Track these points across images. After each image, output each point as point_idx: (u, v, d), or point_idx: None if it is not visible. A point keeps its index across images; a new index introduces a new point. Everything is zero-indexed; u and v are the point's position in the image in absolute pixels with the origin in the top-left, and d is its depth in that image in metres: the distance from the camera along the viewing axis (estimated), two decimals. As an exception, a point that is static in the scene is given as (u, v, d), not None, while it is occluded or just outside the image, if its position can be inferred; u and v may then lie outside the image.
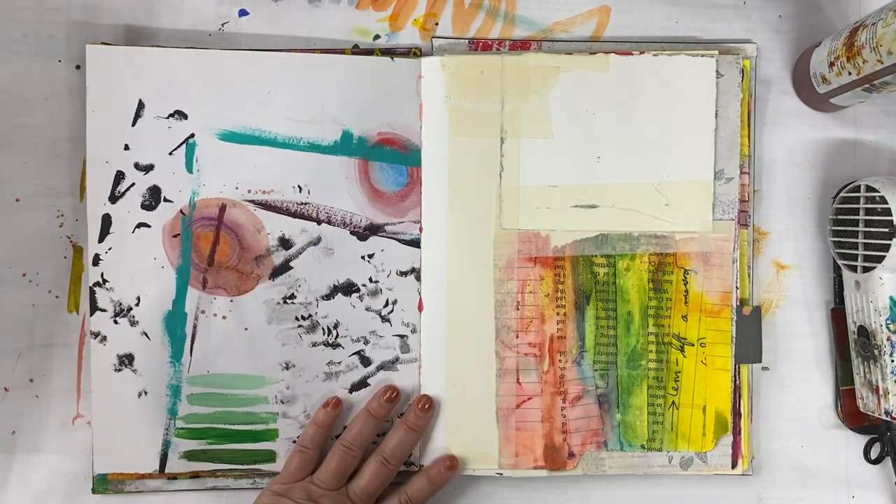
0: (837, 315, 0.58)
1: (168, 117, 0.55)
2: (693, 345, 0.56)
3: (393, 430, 0.55)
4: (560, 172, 0.56)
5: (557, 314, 0.56)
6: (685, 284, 0.56)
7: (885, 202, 0.52)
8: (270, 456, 0.56)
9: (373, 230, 0.56)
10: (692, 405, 0.56)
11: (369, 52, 0.57)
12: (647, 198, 0.56)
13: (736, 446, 0.57)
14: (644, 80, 0.56)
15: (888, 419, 0.54)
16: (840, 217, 0.56)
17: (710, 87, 0.56)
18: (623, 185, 0.56)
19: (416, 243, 0.56)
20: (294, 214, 0.56)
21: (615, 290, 0.57)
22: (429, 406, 0.55)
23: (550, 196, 0.56)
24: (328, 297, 0.56)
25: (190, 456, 0.55)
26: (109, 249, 0.55)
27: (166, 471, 0.55)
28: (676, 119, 0.56)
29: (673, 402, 0.57)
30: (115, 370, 0.55)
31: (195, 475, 0.56)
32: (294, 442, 0.56)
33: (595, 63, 0.56)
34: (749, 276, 0.57)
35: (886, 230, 0.52)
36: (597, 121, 0.56)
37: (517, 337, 0.56)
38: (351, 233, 0.56)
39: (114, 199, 0.55)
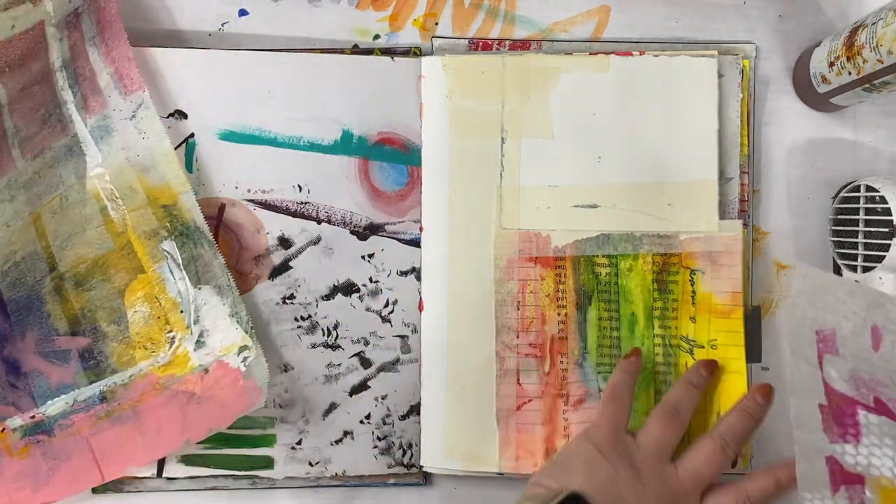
0: (838, 315, 0.58)
1: (168, 117, 0.55)
2: (703, 347, 0.56)
3: (730, 412, 0.51)
4: (561, 172, 0.56)
5: (559, 315, 0.56)
6: (692, 285, 0.56)
7: (885, 202, 0.52)
8: (268, 462, 0.56)
9: (373, 230, 0.56)
10: (704, 410, 0.55)
11: (369, 51, 0.57)
12: (649, 198, 0.56)
13: (736, 446, 0.57)
14: (645, 80, 0.56)
15: (889, 419, 0.54)
16: (840, 217, 0.56)
17: (711, 87, 0.56)
18: (624, 186, 0.56)
19: (416, 243, 0.56)
20: (294, 214, 0.56)
21: (618, 291, 0.56)
22: (769, 394, 0.51)
23: (551, 196, 0.56)
24: (328, 297, 0.56)
25: (187, 461, 0.55)
26: (108, 249, 0.55)
27: (163, 475, 0.55)
28: (678, 119, 0.56)
29: None
30: (114, 372, 0.55)
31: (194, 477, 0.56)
32: (293, 448, 0.55)
33: (595, 64, 0.56)
34: (749, 276, 0.57)
35: (886, 230, 0.52)
36: (598, 121, 0.56)
37: (518, 337, 0.56)
38: (351, 232, 0.56)
39: (113, 198, 0.55)
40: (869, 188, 0.54)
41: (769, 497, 0.47)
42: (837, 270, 0.58)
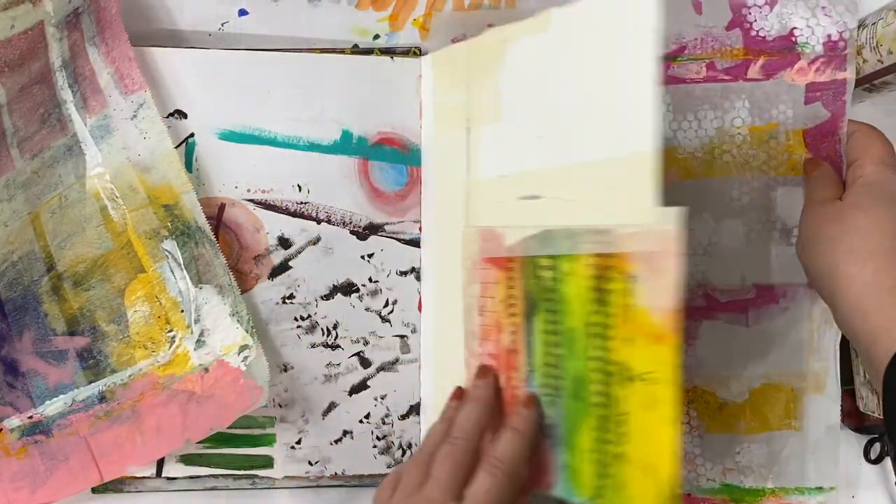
0: (837, 315, 0.58)
1: (167, 117, 0.55)
2: (639, 379, 0.41)
3: (499, 434, 0.45)
4: (508, 159, 0.49)
5: (511, 324, 0.48)
6: (628, 296, 0.41)
7: (885, 202, 0.52)
8: (268, 461, 0.55)
9: (372, 230, 0.56)
10: (642, 464, 0.41)
11: (369, 51, 0.57)
12: (588, 182, 0.44)
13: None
14: (582, 33, 0.45)
15: (888, 419, 0.54)
16: (840, 217, 0.56)
17: (648, 26, 0.40)
18: (564, 169, 0.46)
19: (415, 243, 0.56)
20: (293, 214, 0.56)
21: (559, 300, 0.45)
22: (529, 402, 0.46)
23: (501, 187, 0.49)
24: (327, 297, 0.56)
25: (187, 460, 0.55)
26: (108, 249, 0.55)
27: (163, 475, 0.55)
28: (615, 77, 0.43)
29: (621, 454, 0.42)
30: (113, 371, 0.55)
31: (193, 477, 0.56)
32: (292, 448, 0.55)
33: (536, 25, 0.47)
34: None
35: (886, 230, 0.52)
36: (540, 94, 0.47)
37: (480, 345, 0.50)
38: (350, 232, 0.56)
39: (113, 198, 0.55)
40: (869, 188, 0.53)
41: (518, 450, 0.43)
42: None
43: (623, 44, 0.43)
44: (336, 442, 0.56)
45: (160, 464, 0.55)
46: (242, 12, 0.57)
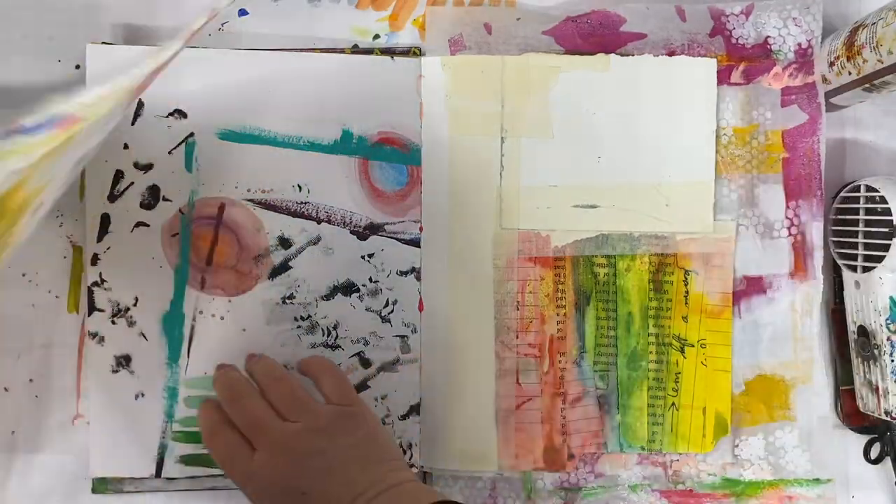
0: (837, 315, 0.58)
1: (167, 116, 0.55)
2: (693, 346, 0.57)
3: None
4: (560, 172, 0.56)
5: (557, 314, 0.56)
6: (686, 285, 0.56)
7: (885, 202, 0.52)
8: (269, 458, 0.56)
9: (373, 229, 0.56)
10: (692, 406, 0.56)
11: (369, 51, 0.57)
12: (647, 198, 0.56)
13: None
14: (645, 80, 0.56)
15: (888, 419, 0.54)
16: (840, 217, 0.56)
17: (710, 87, 0.56)
18: (623, 186, 0.56)
19: (416, 243, 0.56)
20: (294, 214, 0.56)
21: (615, 291, 0.57)
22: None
23: (551, 196, 0.56)
24: (328, 297, 0.56)
25: (186, 460, 0.55)
26: (108, 249, 0.55)
27: (162, 475, 0.55)
28: (677, 120, 0.57)
29: (673, 403, 0.57)
30: (113, 371, 0.55)
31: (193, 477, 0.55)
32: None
33: (595, 63, 0.56)
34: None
35: (886, 230, 0.52)
36: (598, 121, 0.56)
37: (517, 337, 0.56)
38: (351, 232, 0.56)
39: (112, 198, 0.55)
40: (869, 188, 0.54)
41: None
42: (837, 270, 0.58)
43: (689, 99, 0.56)
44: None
45: (160, 464, 0.55)
46: (242, 12, 0.57)
